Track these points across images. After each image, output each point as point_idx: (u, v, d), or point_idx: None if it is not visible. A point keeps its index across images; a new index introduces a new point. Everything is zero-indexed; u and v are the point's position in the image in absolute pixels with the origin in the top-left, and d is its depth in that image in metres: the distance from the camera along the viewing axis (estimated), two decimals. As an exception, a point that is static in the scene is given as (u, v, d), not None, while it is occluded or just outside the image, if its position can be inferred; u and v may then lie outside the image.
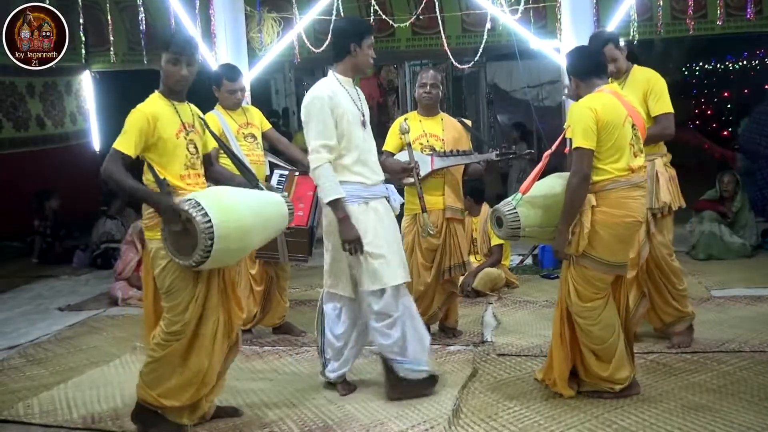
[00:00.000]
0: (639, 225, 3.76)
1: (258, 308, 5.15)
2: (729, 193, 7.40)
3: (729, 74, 13.97)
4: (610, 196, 3.63)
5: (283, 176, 5.09)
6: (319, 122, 3.80)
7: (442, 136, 4.82)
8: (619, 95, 3.76)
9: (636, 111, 3.78)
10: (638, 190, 3.69)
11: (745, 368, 4.12)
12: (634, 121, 3.72)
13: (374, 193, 3.96)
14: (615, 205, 3.62)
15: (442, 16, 7.87)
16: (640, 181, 3.70)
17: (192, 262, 3.28)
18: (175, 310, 3.46)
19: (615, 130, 3.62)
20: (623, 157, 3.64)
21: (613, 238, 3.63)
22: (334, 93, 3.84)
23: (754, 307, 5.39)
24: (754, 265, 6.83)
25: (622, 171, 3.64)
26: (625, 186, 3.64)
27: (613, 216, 3.62)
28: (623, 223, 3.63)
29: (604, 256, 3.63)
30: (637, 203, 3.68)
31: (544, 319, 5.34)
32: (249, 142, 5.06)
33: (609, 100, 3.68)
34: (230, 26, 6.92)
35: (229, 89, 5.03)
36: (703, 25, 8.50)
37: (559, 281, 3.92)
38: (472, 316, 5.51)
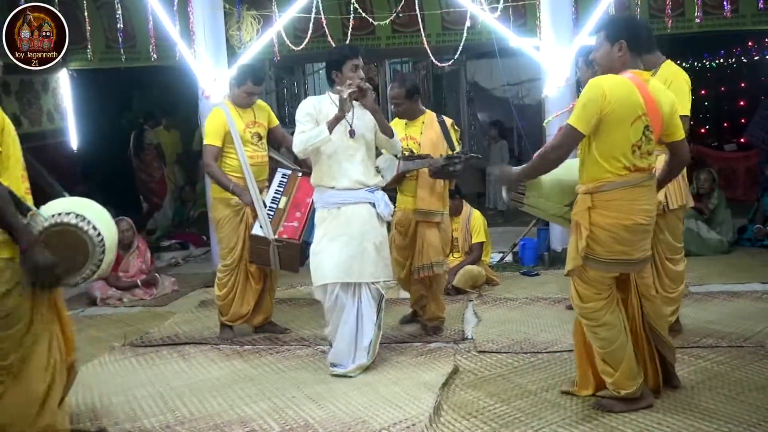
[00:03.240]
0: (641, 227, 3.44)
1: (250, 307, 5.14)
2: (705, 190, 7.49)
3: (706, 72, 14.06)
4: (606, 198, 3.41)
5: (285, 176, 5.04)
6: (302, 116, 4.32)
7: (419, 140, 4.93)
8: (645, 87, 3.39)
9: (657, 109, 3.39)
10: (639, 191, 3.42)
11: (723, 363, 4.16)
12: (651, 121, 3.37)
13: (346, 199, 4.30)
14: (611, 207, 3.41)
15: (423, 14, 7.87)
16: (641, 181, 3.42)
17: (80, 278, 3.19)
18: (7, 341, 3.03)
19: (617, 126, 3.35)
20: (624, 157, 3.37)
21: (611, 239, 3.42)
22: (320, 103, 4.38)
23: (731, 303, 5.44)
24: (731, 261, 6.91)
25: (621, 171, 3.38)
26: (622, 186, 3.39)
27: (610, 218, 3.41)
28: (621, 225, 3.41)
29: (601, 255, 3.45)
30: (637, 205, 3.42)
31: (524, 316, 5.37)
32: (254, 142, 5.03)
33: (626, 92, 3.35)
34: (209, 24, 6.87)
35: (249, 91, 5.02)
36: (681, 23, 8.56)
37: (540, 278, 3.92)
38: (453, 314, 5.52)
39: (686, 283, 4.49)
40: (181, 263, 8.32)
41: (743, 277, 6.18)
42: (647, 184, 3.48)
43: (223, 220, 5.03)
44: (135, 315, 6.13)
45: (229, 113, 4.95)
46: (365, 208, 4.32)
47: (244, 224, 5.01)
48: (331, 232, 4.29)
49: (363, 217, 4.31)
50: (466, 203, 6.48)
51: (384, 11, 8.36)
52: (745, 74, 13.54)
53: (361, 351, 4.32)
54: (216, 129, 4.92)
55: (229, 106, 5.03)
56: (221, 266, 5.13)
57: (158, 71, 9.86)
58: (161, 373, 4.55)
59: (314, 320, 5.54)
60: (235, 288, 5.07)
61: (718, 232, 7.30)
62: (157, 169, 10.09)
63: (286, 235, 4.83)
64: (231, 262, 5.05)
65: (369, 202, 4.33)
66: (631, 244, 3.45)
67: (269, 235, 4.82)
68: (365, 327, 4.32)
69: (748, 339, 4.54)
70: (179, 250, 8.79)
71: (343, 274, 4.26)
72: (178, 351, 4.97)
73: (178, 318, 5.85)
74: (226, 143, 4.93)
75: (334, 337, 4.36)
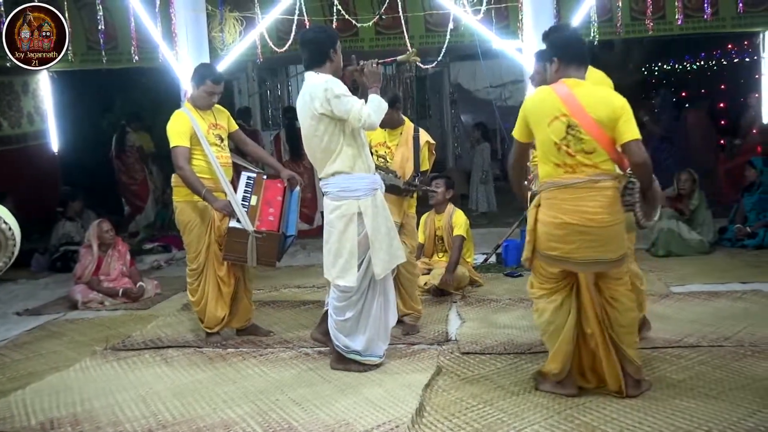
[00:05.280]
0: (572, 227, 3.64)
1: (227, 310, 5.10)
2: (686, 191, 7.55)
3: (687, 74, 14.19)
4: (545, 196, 3.75)
5: (251, 179, 5.06)
6: (346, 91, 4.14)
7: (393, 150, 5.07)
8: (568, 91, 3.66)
9: (585, 112, 3.61)
10: (570, 192, 3.64)
11: (704, 362, 4.20)
12: (579, 121, 3.60)
13: (378, 184, 4.34)
14: (547, 205, 3.74)
15: (406, 16, 7.90)
16: (574, 183, 3.63)
17: None
18: None
19: (537, 128, 3.69)
20: (552, 155, 3.66)
21: (546, 235, 3.73)
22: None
23: (711, 302, 5.49)
24: (712, 261, 6.97)
25: (554, 170, 3.67)
26: (555, 186, 3.68)
27: (546, 215, 3.73)
28: (552, 223, 3.70)
29: (542, 249, 3.78)
30: (567, 205, 3.65)
31: (508, 317, 5.39)
32: (218, 144, 5.01)
33: (542, 95, 3.72)
34: (191, 25, 6.83)
35: (210, 90, 4.98)
36: (662, 26, 8.64)
37: (523, 279, 3.99)
38: (436, 315, 5.53)
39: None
40: (163, 266, 8.27)
41: (724, 277, 6.24)
42: (585, 186, 3.63)
43: (190, 223, 4.99)
44: (117, 319, 6.09)
45: (192, 115, 4.92)
46: (380, 191, 4.40)
47: (210, 228, 4.99)
48: (377, 221, 4.26)
49: (385, 201, 4.40)
50: (450, 203, 6.50)
51: (367, 13, 8.37)
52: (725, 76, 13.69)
53: (387, 334, 4.46)
54: (183, 130, 4.86)
55: (190, 108, 4.99)
56: (189, 270, 5.10)
57: (140, 73, 9.83)
58: (143, 377, 4.52)
59: (298, 322, 5.54)
60: (206, 292, 5.04)
61: (699, 233, 7.36)
62: (139, 171, 10.02)
63: (264, 228, 4.84)
64: (197, 267, 5.03)
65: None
66: (566, 242, 3.68)
67: (248, 226, 4.80)
68: (391, 310, 4.45)
69: (728, 338, 4.59)
70: (162, 253, 8.73)
71: (389, 264, 4.34)
72: (161, 354, 4.94)
73: (161, 321, 5.82)
74: (192, 145, 4.89)
75: (353, 329, 4.32)
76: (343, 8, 7.55)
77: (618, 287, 3.76)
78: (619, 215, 3.70)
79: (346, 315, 4.31)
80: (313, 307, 5.93)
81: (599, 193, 3.64)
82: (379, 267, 4.26)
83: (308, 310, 5.91)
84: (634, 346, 3.81)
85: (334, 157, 4.20)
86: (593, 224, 3.62)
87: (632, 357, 3.75)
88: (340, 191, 4.23)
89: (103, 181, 10.01)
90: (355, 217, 4.22)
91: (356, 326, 4.32)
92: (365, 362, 4.35)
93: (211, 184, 4.90)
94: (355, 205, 4.21)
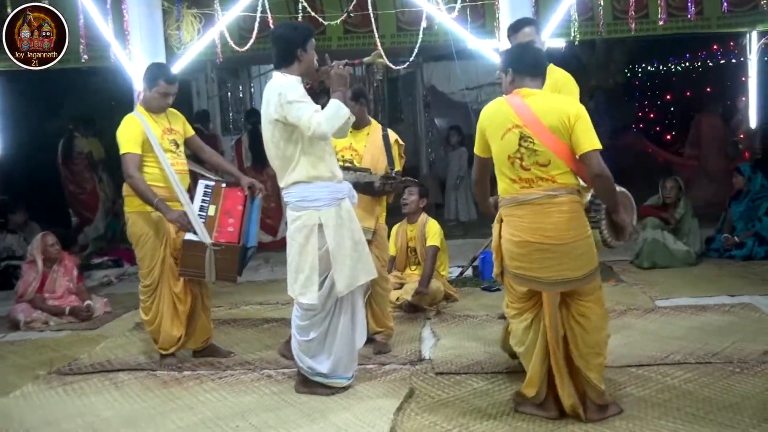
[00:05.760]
0: (533, 245, 3.67)
1: (183, 330, 5.05)
2: (672, 199, 7.64)
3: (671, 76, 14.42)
4: (505, 213, 3.80)
5: (209, 187, 5.02)
6: (300, 96, 4.08)
7: (361, 152, 5.04)
8: (521, 101, 3.70)
9: (538, 121, 3.63)
10: (527, 208, 3.67)
11: (691, 380, 4.24)
12: (533, 133, 3.62)
13: (343, 192, 4.29)
14: (505, 221, 3.79)
15: (376, 14, 7.91)
16: (531, 199, 3.66)
17: None
18: None
19: (492, 141, 3.74)
20: (507, 169, 3.70)
21: (509, 253, 3.78)
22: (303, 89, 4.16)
23: (699, 317, 5.55)
24: (699, 273, 7.06)
25: (510, 185, 3.72)
26: (512, 203, 3.73)
27: (506, 233, 3.78)
28: (512, 241, 3.74)
29: (507, 267, 3.83)
30: (524, 222, 3.68)
31: (485, 334, 5.39)
32: (173, 150, 4.97)
33: (495, 107, 3.78)
34: (146, 23, 6.79)
35: (163, 91, 4.94)
36: (645, 26, 8.76)
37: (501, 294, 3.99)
38: (409, 333, 5.52)
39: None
40: (114, 282, 8.17)
41: (711, 290, 6.32)
42: (541, 201, 3.66)
43: (143, 236, 4.93)
44: (62, 340, 5.99)
45: (144, 119, 4.88)
46: (348, 201, 4.34)
47: (165, 241, 4.94)
48: (341, 234, 4.21)
49: (352, 210, 4.35)
50: (423, 212, 6.51)
51: (335, 10, 8.37)
52: (711, 78, 13.90)
53: (356, 354, 4.42)
54: (134, 136, 4.81)
55: (142, 112, 4.95)
56: (142, 287, 5.04)
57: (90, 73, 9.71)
58: (91, 404, 4.44)
59: (260, 342, 5.49)
60: (160, 310, 4.98)
61: (685, 243, 7.45)
62: (88, 179, 9.92)
63: (223, 240, 4.79)
64: (150, 283, 4.97)
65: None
66: (528, 261, 3.71)
67: (205, 239, 4.76)
68: (359, 329, 4.39)
69: (716, 354, 4.64)
70: (112, 268, 8.64)
71: (355, 280, 4.28)
72: (111, 379, 4.87)
73: (111, 342, 5.73)
74: (144, 152, 4.84)
75: (318, 350, 4.27)
76: (309, 5, 7.54)
77: (588, 303, 3.76)
78: (583, 230, 3.70)
79: (311, 335, 4.27)
80: (276, 325, 5.89)
81: (557, 208, 3.65)
82: (342, 283, 4.20)
83: (272, 328, 5.87)
84: (600, 370, 3.78)
85: (293, 166, 4.17)
86: (553, 242, 3.64)
87: (595, 382, 3.73)
88: (299, 201, 4.20)
89: (49, 190, 9.88)
90: (315, 228, 4.16)
91: (321, 347, 4.28)
92: (331, 385, 4.32)
93: (166, 193, 4.85)
94: (316, 216, 4.17)
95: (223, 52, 7.79)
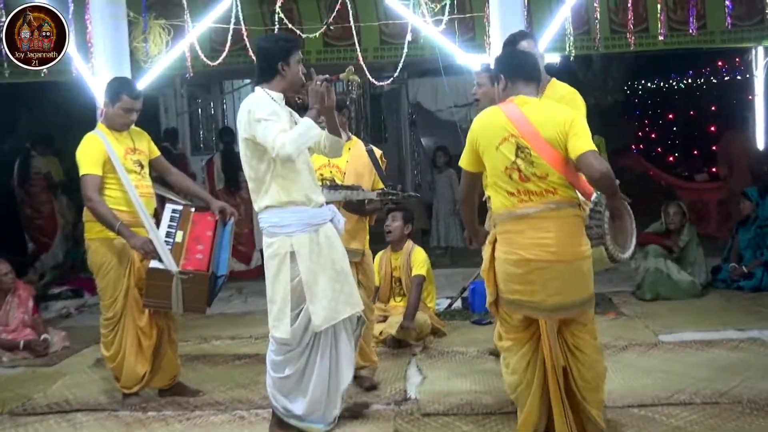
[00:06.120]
0: (532, 264, 3.67)
1: (148, 367, 5.00)
2: (675, 225, 7.67)
3: (674, 94, 14.56)
4: (500, 230, 3.78)
5: (176, 212, 5.01)
6: (269, 114, 4.05)
7: (344, 169, 5.01)
8: (516, 109, 3.73)
9: (534, 129, 3.67)
10: (527, 222, 3.68)
11: (697, 422, 4.24)
12: (529, 142, 3.66)
13: (322, 218, 4.24)
14: (501, 240, 3.77)
15: (358, 26, 7.97)
16: (525, 213, 3.69)
17: None
18: None
19: (486, 154, 3.75)
20: (503, 182, 3.71)
21: (504, 275, 3.76)
22: (276, 107, 4.14)
23: (705, 353, 5.57)
24: (705, 305, 7.09)
25: (507, 199, 3.72)
26: (508, 217, 3.73)
27: (501, 252, 3.77)
28: (509, 260, 3.73)
29: (503, 292, 3.80)
30: (523, 238, 3.68)
31: (475, 372, 5.38)
32: (137, 171, 4.96)
33: (489, 116, 3.80)
34: (110, 34, 6.77)
35: (127, 107, 4.94)
36: (644, 40, 8.87)
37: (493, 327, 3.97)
38: (393, 370, 5.50)
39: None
40: (73, 314, 8.10)
41: (718, 323, 6.34)
42: (542, 215, 3.67)
43: (105, 265, 4.90)
44: (16, 377, 5.92)
45: (106, 138, 4.88)
46: (332, 227, 4.29)
47: (128, 270, 4.92)
48: (316, 263, 4.16)
49: (335, 238, 4.30)
50: (409, 239, 6.51)
51: (314, 22, 8.42)
52: (715, 96, 14.02)
53: (337, 398, 4.31)
54: (95, 156, 4.80)
55: (104, 130, 4.95)
56: (103, 320, 5.01)
57: (49, 88, 9.67)
58: (46, 448, 4.39)
59: (232, 380, 5.45)
60: (123, 345, 4.94)
61: (690, 273, 7.49)
62: (46, 202, 9.87)
63: (191, 267, 4.77)
64: (113, 315, 4.94)
65: (330, 220, 4.31)
66: (525, 283, 3.69)
67: (171, 267, 4.73)
68: (342, 369, 4.28)
69: (724, 394, 4.65)
70: (72, 299, 8.56)
71: (335, 313, 4.19)
72: (68, 420, 4.82)
73: (69, 380, 5.68)
74: (105, 173, 4.83)
75: (293, 389, 4.23)
76: (286, 16, 7.60)
77: (583, 335, 3.78)
78: (584, 248, 3.72)
79: (286, 371, 4.23)
80: (250, 361, 5.86)
81: (559, 222, 3.67)
82: (319, 317, 4.14)
83: (245, 365, 5.83)
84: (600, 406, 3.79)
85: (265, 188, 4.17)
86: (554, 258, 3.64)
87: (596, 418, 3.74)
88: (271, 227, 4.19)
89: (3, 213, 9.81)
90: (287, 257, 4.13)
91: (298, 386, 4.24)
92: (307, 430, 4.27)
93: (129, 218, 4.83)
94: (288, 242, 4.14)
95: (193, 65, 7.80)
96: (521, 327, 3.80)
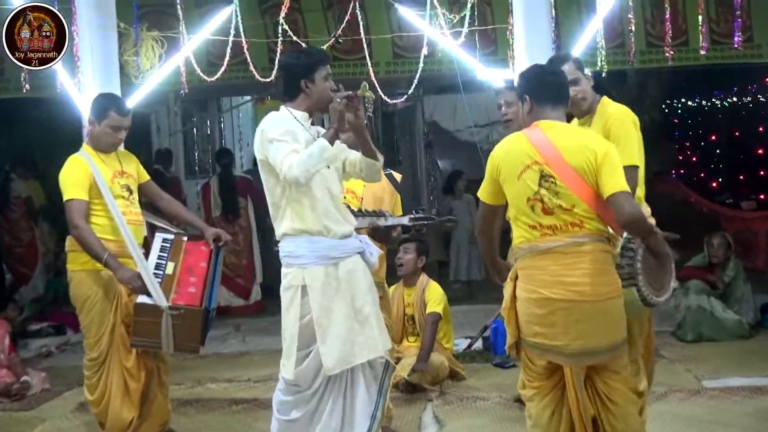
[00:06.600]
0: (555, 303, 3.63)
1: (135, 412, 4.99)
2: (719, 259, 7.64)
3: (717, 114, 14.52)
4: (521, 266, 3.76)
5: (167, 241, 5.03)
6: (281, 135, 4.03)
7: (360, 194, 4.98)
8: (541, 134, 3.71)
9: (560, 156, 3.64)
10: (550, 258, 3.65)
11: (745, 478, 4.21)
12: (554, 170, 3.63)
13: (344, 251, 4.14)
14: (523, 277, 3.75)
15: (369, 39, 8.01)
16: (553, 246, 3.65)
17: None
18: None
19: (507, 183, 3.74)
20: (524, 215, 3.69)
21: (525, 316, 3.71)
22: (293, 127, 4.12)
23: (753, 401, 5.53)
24: (753, 347, 7.05)
25: (528, 232, 3.69)
26: (528, 253, 3.70)
27: (521, 290, 3.74)
28: (530, 299, 3.68)
29: (524, 334, 3.75)
30: (545, 275, 3.65)
31: (498, 422, 5.36)
32: (125, 197, 4.99)
33: (512, 142, 3.79)
34: (98, 47, 6.83)
35: (115, 124, 4.97)
36: (684, 55, 8.87)
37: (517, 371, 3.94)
38: (407, 417, 5.49)
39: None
40: (54, 353, 8.13)
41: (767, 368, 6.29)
42: (567, 250, 3.63)
43: (90, 299, 4.91)
44: (-9, 423, 5.93)
45: (92, 160, 4.91)
46: (358, 260, 4.20)
47: (115, 305, 4.92)
48: (331, 300, 4.08)
49: (360, 273, 4.19)
50: (423, 273, 6.51)
51: (321, 35, 8.48)
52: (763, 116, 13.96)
53: None
54: (80, 180, 4.83)
55: (90, 152, 4.98)
56: (87, 361, 5.01)
57: (32, 105, 9.76)
58: (23, 502, 4.39)
59: (228, 427, 5.46)
60: (109, 388, 4.93)
61: (737, 311, 7.45)
62: (26, 230, 9.92)
63: (182, 302, 4.77)
64: (98, 355, 4.94)
65: (359, 252, 4.23)
66: (548, 325, 3.64)
67: (161, 302, 4.73)
68: (357, 420, 4.13)
69: (775, 447, 4.61)
70: (53, 336, 8.58)
71: (350, 356, 4.09)
72: (47, 471, 4.82)
73: (49, 426, 5.71)
74: (91, 198, 4.86)
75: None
76: (290, 28, 7.64)
77: (616, 384, 3.71)
78: (614, 286, 3.66)
79: (292, 414, 4.16)
80: (248, 407, 5.86)
81: (585, 258, 3.62)
82: (332, 360, 4.05)
83: (242, 411, 5.84)
84: None
85: (281, 213, 4.16)
86: (580, 298, 3.59)
87: None
88: (285, 257, 4.17)
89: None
90: (299, 291, 4.09)
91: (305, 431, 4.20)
92: None
93: (116, 247, 4.84)
94: (300, 275, 4.10)
95: (188, 81, 7.83)
96: (545, 374, 3.75)
